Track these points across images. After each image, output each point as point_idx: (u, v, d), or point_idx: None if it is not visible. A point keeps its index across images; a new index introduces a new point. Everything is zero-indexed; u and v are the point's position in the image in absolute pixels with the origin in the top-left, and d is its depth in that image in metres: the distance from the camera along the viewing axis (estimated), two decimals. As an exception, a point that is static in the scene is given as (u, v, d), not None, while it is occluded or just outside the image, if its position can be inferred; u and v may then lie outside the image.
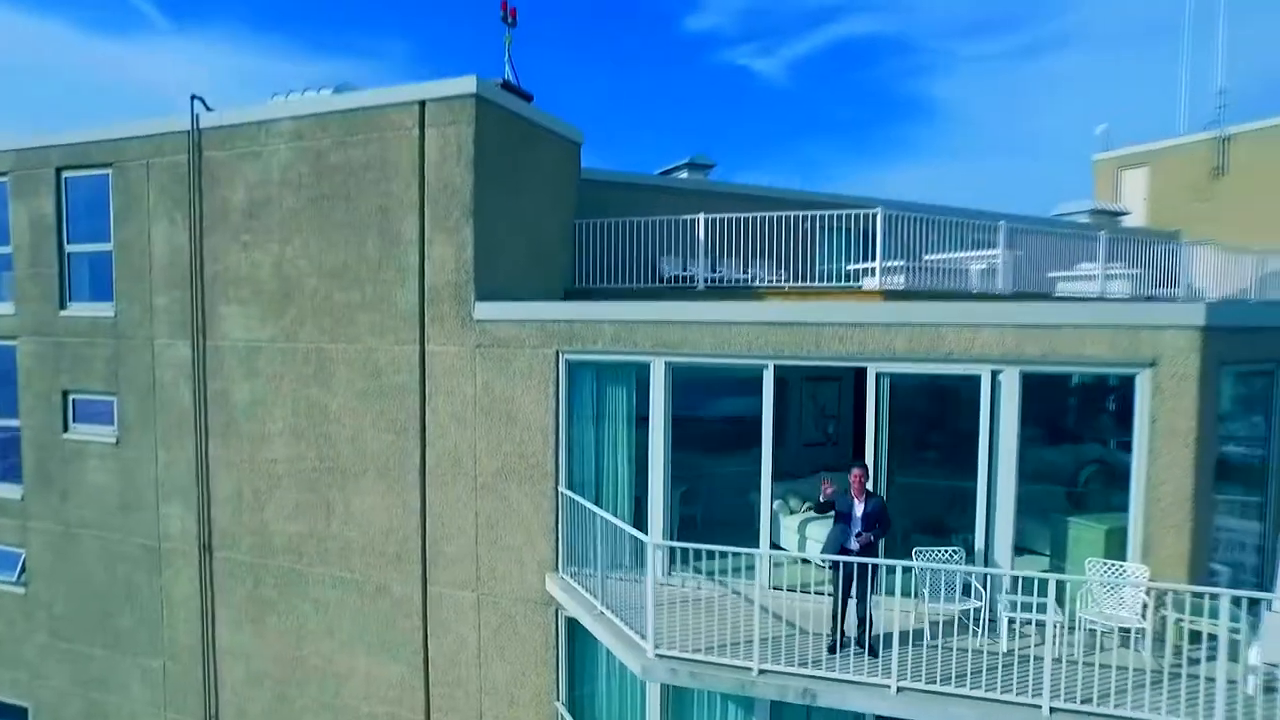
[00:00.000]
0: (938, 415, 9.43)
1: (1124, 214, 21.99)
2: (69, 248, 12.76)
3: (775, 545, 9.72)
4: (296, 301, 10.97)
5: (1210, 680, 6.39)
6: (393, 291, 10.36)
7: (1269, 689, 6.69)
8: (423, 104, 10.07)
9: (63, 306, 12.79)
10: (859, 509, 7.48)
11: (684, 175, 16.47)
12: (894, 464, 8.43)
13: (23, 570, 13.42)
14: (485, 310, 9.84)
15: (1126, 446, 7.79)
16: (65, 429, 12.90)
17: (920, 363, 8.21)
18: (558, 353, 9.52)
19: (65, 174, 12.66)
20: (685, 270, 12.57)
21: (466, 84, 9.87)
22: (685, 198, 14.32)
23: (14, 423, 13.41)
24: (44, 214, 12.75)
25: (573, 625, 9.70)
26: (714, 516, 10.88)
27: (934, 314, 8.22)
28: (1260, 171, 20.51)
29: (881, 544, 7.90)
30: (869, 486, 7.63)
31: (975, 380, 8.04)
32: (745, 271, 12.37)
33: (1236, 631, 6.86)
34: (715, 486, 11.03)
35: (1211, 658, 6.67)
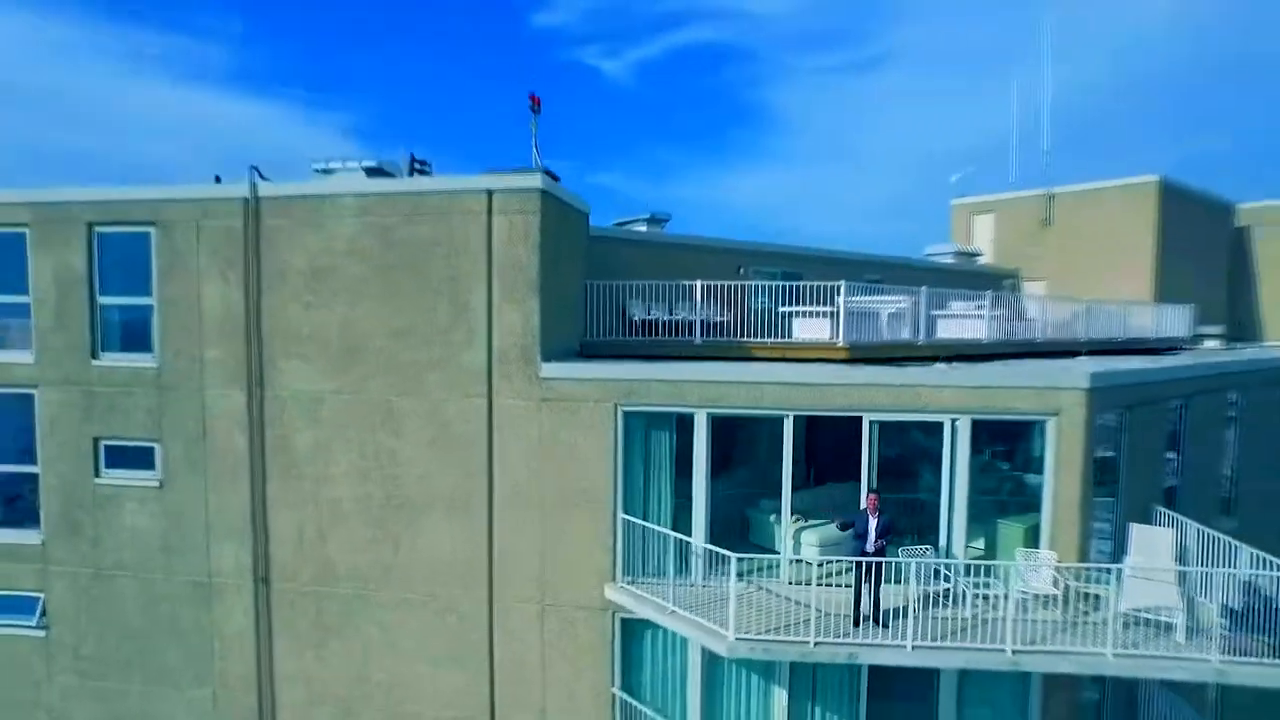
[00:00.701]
0: (911, 449, 12.55)
1: (978, 254, 26.87)
2: (101, 300, 13.25)
3: (770, 549, 12.46)
4: (363, 358, 12.41)
5: (1099, 624, 9.84)
6: (461, 352, 12.12)
7: (1128, 625, 10.24)
8: (490, 193, 11.92)
9: (94, 357, 13.26)
10: (874, 523, 10.38)
11: (643, 228, 18.96)
12: (880, 484, 11.41)
13: (43, 614, 13.68)
14: (551, 370, 11.88)
15: (1037, 469, 11.23)
16: (97, 474, 13.38)
17: (902, 413, 11.26)
18: (616, 405, 11.76)
19: (97, 229, 13.15)
20: (649, 314, 15.04)
21: (533, 180, 11.87)
22: (643, 249, 16.96)
23: (31, 469, 13.63)
24: (72, 267, 13.16)
25: (627, 624, 11.98)
26: (728, 529, 13.49)
27: (911, 378, 11.32)
28: (1077, 224, 25.90)
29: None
30: (879, 506, 10.55)
31: (940, 425, 11.19)
32: (704, 312, 14.90)
33: (1108, 589, 10.42)
34: (723, 505, 13.63)
35: (1097, 609, 10.17)
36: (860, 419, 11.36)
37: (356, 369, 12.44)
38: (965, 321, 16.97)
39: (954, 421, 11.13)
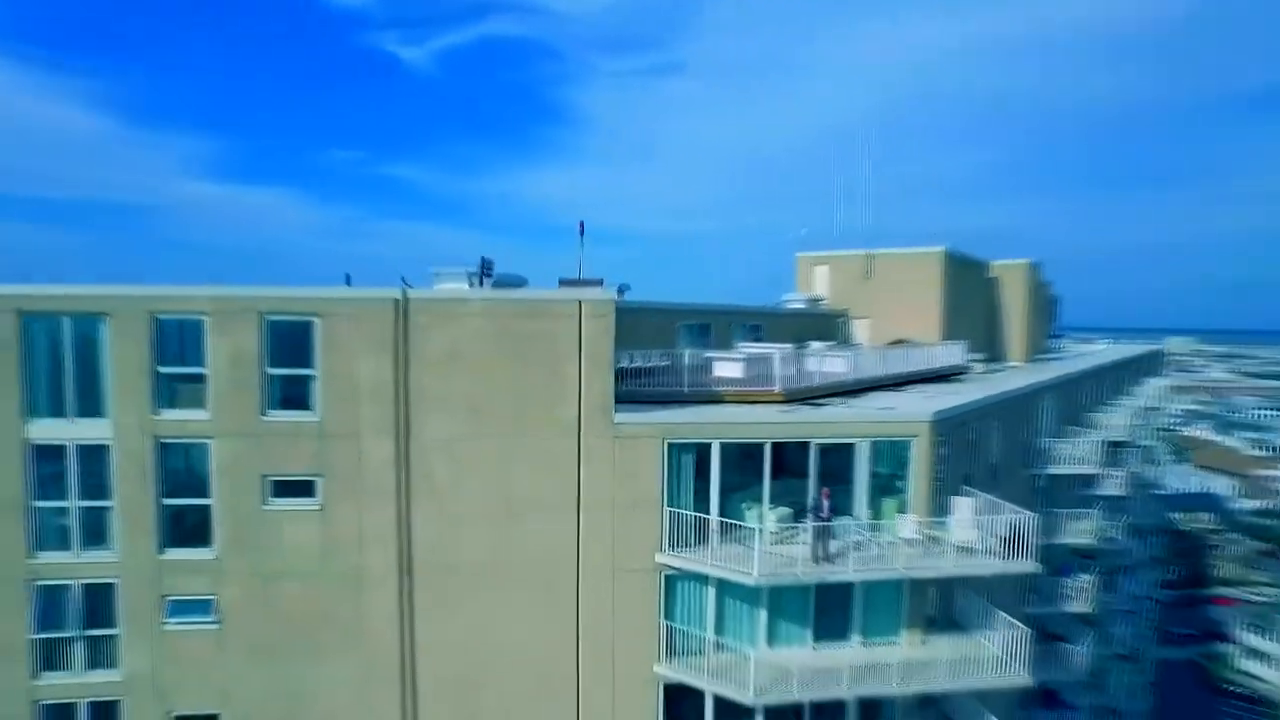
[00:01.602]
0: (837, 459, 20.17)
1: (821, 299, 35.86)
2: (270, 370, 17.53)
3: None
4: (486, 413, 17.95)
5: (941, 552, 18.14)
6: (558, 407, 18.08)
7: (957, 551, 18.60)
8: (580, 303, 17.97)
9: (263, 413, 17.53)
10: (826, 505, 17.92)
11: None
12: (821, 481, 18.95)
13: (216, 611, 17.72)
14: (621, 418, 18.21)
15: (904, 467, 19.36)
16: (264, 503, 17.68)
17: (835, 438, 18.91)
18: (663, 439, 18.33)
19: (268, 317, 17.41)
20: (632, 363, 21.74)
21: (609, 294, 18.11)
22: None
23: (204, 501, 17.58)
24: (246, 345, 17.32)
25: (669, 578, 18.62)
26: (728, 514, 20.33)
27: (843, 415, 19.03)
28: (888, 278, 35.53)
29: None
30: (828, 495, 18.11)
31: (852, 444, 18.97)
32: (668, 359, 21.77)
33: (945, 533, 18.78)
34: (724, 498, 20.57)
35: (938, 544, 18.50)
36: (808, 443, 18.86)
37: (481, 420, 17.96)
38: (834, 360, 25.28)
39: (860, 442, 18.96)
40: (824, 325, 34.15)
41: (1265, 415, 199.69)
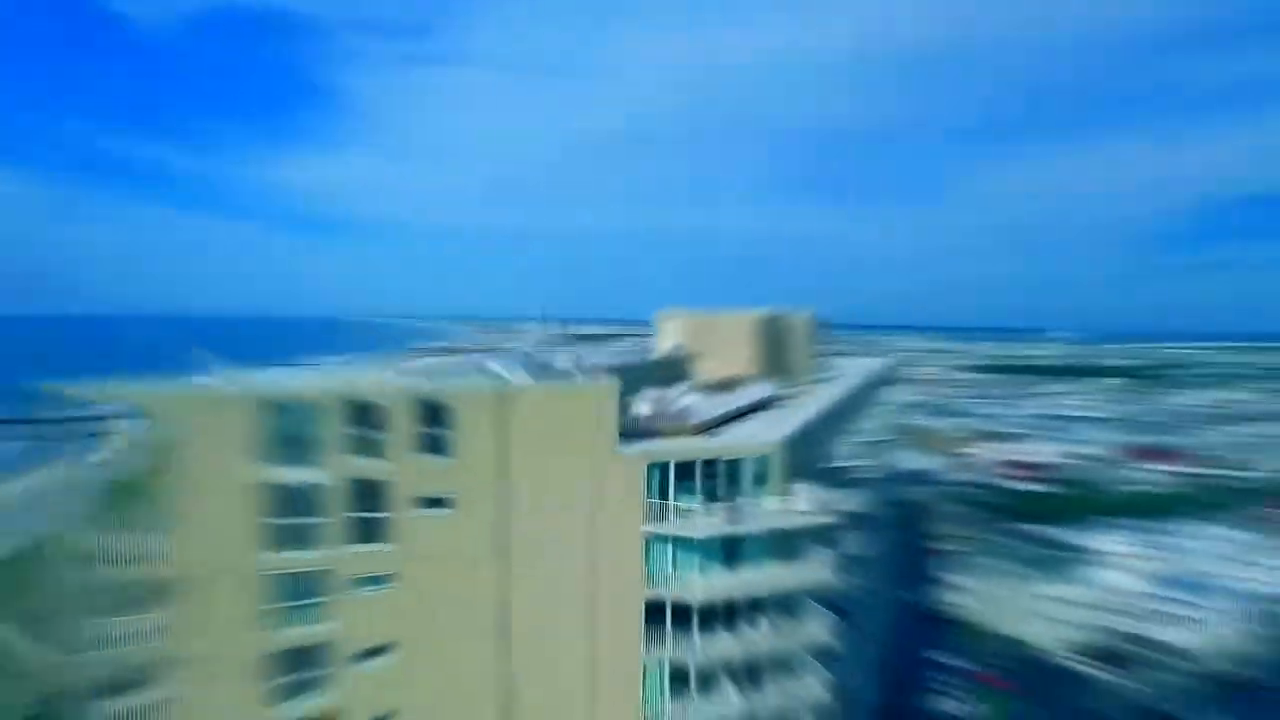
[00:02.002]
0: (733, 466, 35.24)
1: (682, 348, 51.37)
2: (426, 431, 29.28)
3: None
4: (546, 451, 30.99)
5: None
6: (585, 446, 31.54)
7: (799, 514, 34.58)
8: (603, 387, 31.59)
9: (410, 457, 29.23)
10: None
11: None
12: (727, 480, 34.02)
13: (389, 582, 29.09)
14: (623, 449, 32.07)
15: (765, 468, 35.11)
16: (415, 513, 29.34)
17: (733, 455, 34.20)
18: (646, 462, 32.44)
19: (422, 400, 29.14)
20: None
21: (615, 383, 31.91)
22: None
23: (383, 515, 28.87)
24: (411, 421, 28.93)
25: (647, 540, 32.77)
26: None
27: (736, 440, 34.40)
28: (720, 333, 51.82)
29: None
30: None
31: (741, 459, 34.39)
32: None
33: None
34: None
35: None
36: (718, 459, 33.90)
37: (545, 455, 30.94)
38: (711, 402, 40.80)
39: (746, 458, 34.35)
40: (682, 368, 49.78)
41: (969, 403, 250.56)
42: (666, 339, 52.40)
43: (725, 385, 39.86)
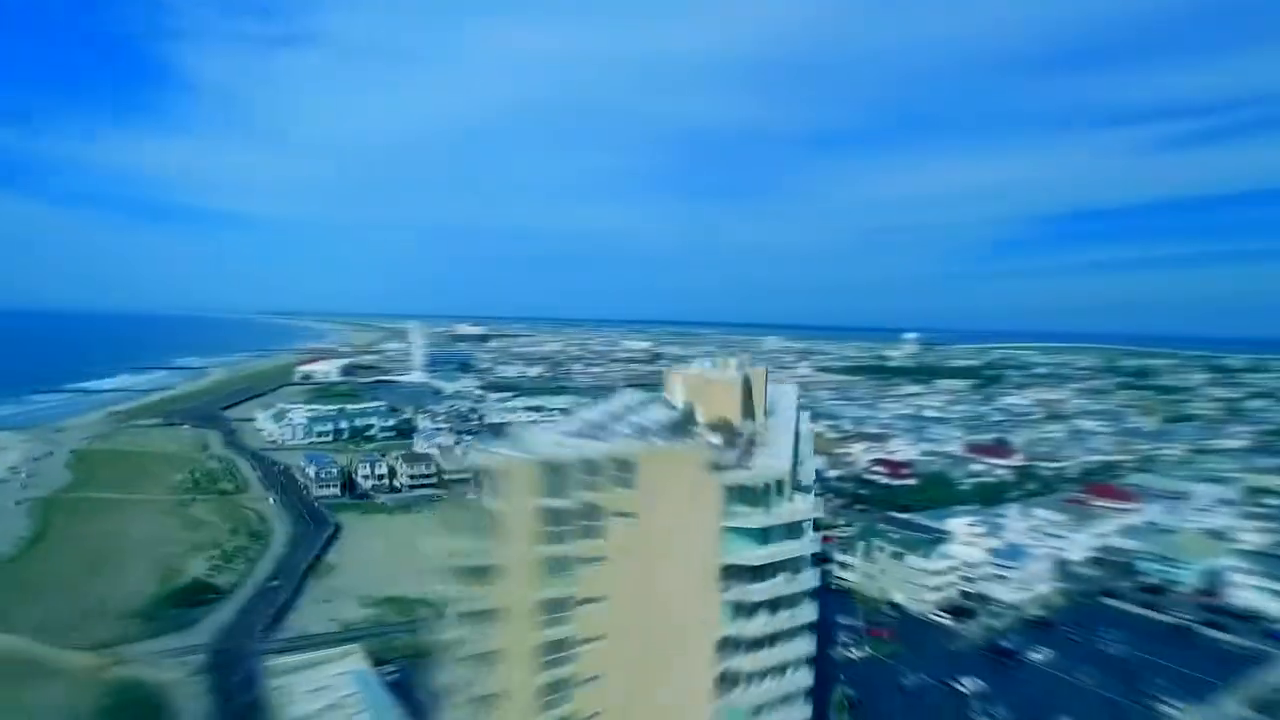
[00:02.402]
0: None
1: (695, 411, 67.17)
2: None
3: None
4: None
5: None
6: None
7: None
8: (697, 455, 46.81)
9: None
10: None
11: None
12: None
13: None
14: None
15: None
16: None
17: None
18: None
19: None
20: None
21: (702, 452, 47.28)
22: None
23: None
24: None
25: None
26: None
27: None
28: (708, 388, 68.00)
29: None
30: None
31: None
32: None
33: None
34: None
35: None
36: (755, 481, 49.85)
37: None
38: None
39: (771, 479, 50.48)
40: (694, 417, 63.28)
41: (839, 405, 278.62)
42: (678, 395, 63.28)
43: (721, 427, 54.63)
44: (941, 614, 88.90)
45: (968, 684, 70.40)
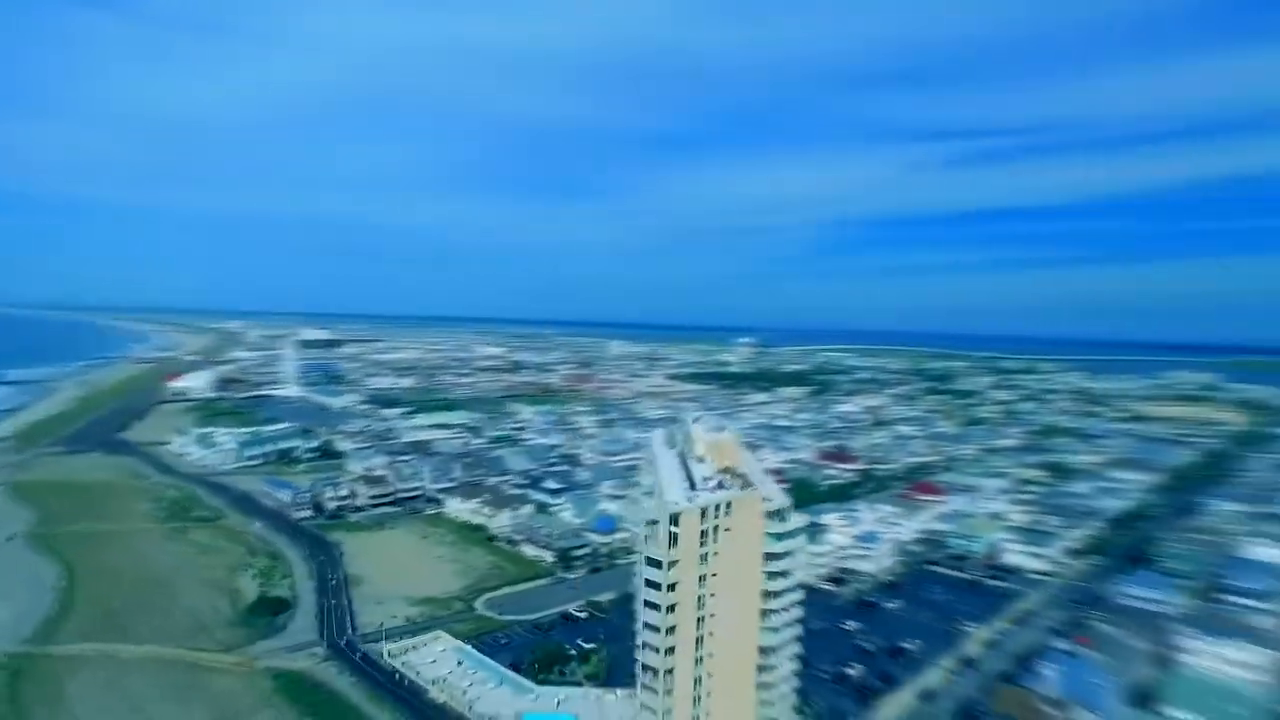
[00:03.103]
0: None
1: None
2: (643, 502, 73.57)
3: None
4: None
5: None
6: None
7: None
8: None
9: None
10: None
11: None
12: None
13: (633, 562, 72.98)
14: (701, 501, 78.95)
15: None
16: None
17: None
18: (708, 505, 79.64)
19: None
20: None
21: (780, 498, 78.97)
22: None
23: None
24: (640, 497, 73.04)
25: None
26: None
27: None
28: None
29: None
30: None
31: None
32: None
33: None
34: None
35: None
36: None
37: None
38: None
39: (782, 504, 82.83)
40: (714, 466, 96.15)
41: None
42: (699, 448, 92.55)
43: (730, 470, 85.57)
44: (826, 583, 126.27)
45: (850, 625, 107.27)
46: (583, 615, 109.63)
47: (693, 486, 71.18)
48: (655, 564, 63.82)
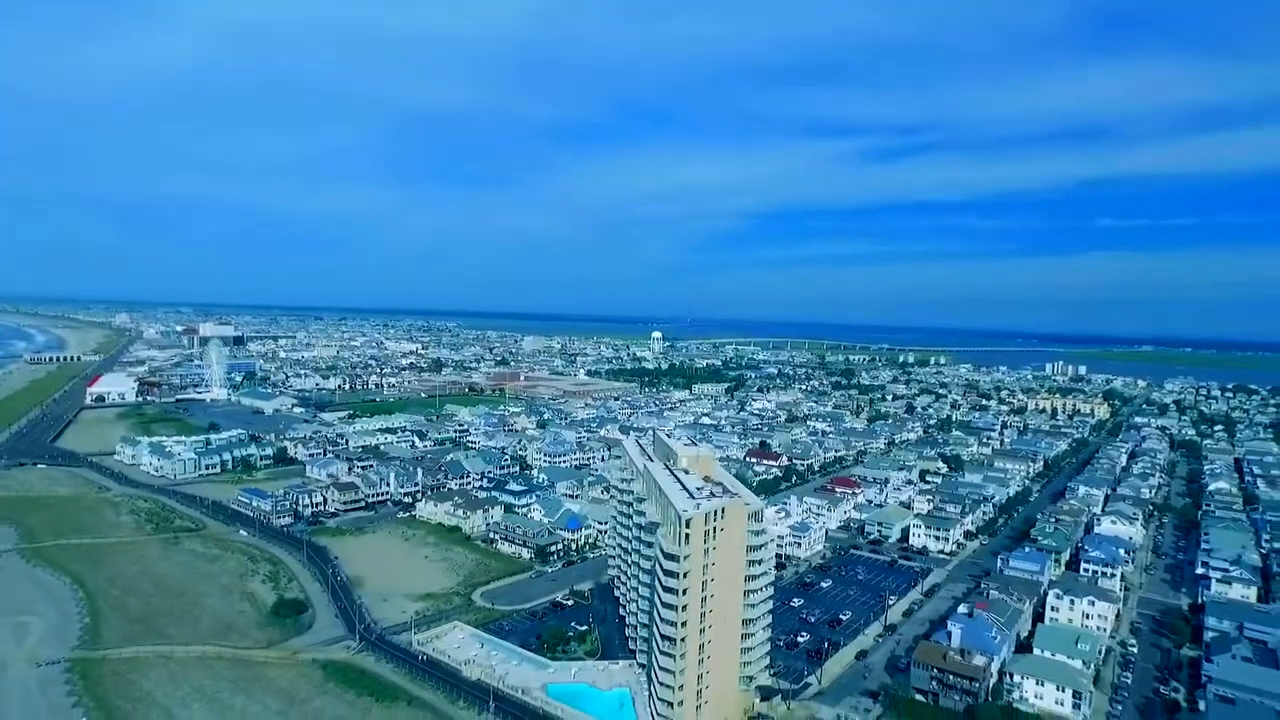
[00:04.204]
0: None
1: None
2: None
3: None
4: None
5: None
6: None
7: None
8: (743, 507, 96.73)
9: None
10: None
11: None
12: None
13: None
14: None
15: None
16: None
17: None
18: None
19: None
20: None
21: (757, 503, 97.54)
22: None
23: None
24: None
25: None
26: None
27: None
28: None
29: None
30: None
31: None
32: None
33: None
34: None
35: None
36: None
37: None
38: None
39: (756, 504, 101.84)
40: (701, 478, 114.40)
41: (636, 418, 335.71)
42: (683, 463, 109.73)
43: (711, 480, 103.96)
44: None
45: (795, 602, 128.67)
46: (569, 602, 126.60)
47: (691, 496, 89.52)
48: (673, 558, 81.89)
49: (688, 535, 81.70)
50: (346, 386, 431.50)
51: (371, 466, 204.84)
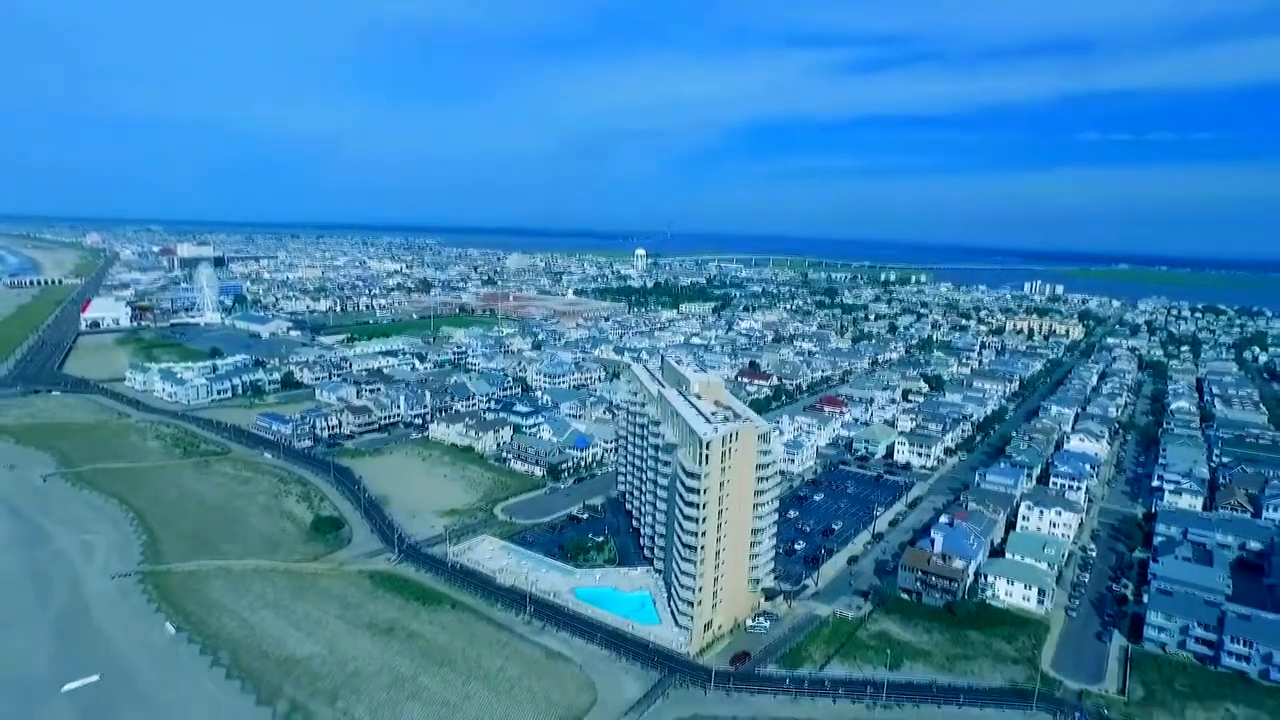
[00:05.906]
0: None
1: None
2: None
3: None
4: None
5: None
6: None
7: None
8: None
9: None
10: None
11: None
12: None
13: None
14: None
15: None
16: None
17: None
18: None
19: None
20: None
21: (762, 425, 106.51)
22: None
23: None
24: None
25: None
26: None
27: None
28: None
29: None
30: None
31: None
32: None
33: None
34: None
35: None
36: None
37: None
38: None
39: (768, 429, 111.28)
40: (713, 402, 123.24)
41: (628, 338, 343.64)
42: (695, 388, 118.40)
43: (722, 405, 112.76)
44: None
45: (791, 514, 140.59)
46: (584, 516, 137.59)
47: (707, 420, 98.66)
48: (694, 476, 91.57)
49: (707, 456, 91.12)
50: (338, 309, 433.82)
51: (379, 389, 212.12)
